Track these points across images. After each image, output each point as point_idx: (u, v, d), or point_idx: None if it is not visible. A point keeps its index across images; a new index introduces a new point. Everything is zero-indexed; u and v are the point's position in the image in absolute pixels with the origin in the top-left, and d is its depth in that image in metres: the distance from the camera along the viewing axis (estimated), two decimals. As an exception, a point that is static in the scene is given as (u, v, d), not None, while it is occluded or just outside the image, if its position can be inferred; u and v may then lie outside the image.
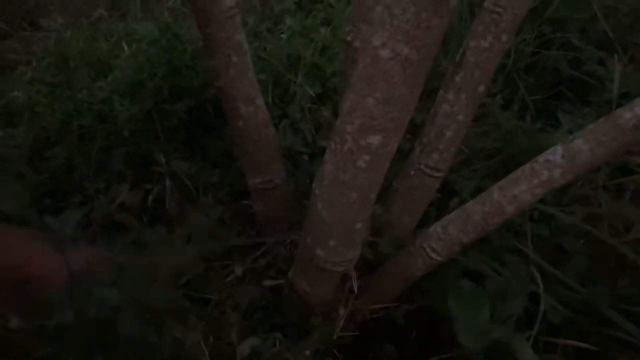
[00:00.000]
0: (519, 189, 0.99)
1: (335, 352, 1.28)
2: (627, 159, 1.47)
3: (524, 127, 1.60)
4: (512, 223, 1.38)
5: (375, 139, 0.95)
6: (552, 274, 1.21)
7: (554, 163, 0.95)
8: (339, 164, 1.02)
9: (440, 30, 0.84)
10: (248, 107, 1.36)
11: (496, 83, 1.78)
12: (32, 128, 1.81)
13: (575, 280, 1.18)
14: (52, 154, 1.74)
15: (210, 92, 1.79)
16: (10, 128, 1.87)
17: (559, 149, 0.95)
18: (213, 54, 1.28)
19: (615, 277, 1.20)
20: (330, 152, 1.04)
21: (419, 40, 0.83)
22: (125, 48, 1.75)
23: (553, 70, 1.94)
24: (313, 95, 1.85)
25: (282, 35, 2.10)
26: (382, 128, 0.94)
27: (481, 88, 1.26)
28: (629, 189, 1.46)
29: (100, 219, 1.53)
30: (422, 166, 1.33)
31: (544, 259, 1.24)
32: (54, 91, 1.87)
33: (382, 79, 0.88)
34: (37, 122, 1.84)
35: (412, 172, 1.36)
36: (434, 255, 1.15)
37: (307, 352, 1.16)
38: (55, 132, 1.80)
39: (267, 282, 1.47)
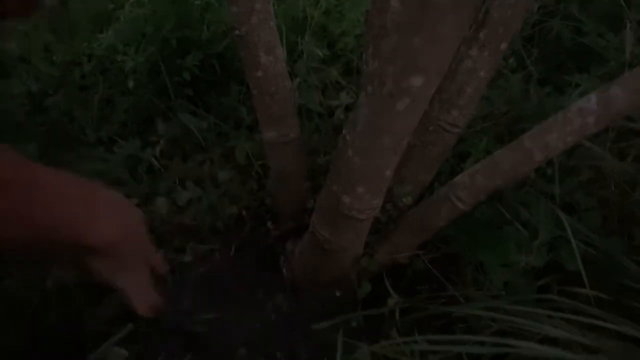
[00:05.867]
0: (551, 137, 1.02)
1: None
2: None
3: (533, 90, 1.63)
4: (525, 180, 1.41)
5: (417, 81, 0.96)
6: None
7: (588, 110, 0.97)
8: (376, 107, 1.02)
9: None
10: (268, 57, 1.34)
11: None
12: (29, 78, 1.73)
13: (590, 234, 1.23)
14: (51, 104, 1.67)
15: (218, 47, 1.76)
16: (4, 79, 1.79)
17: (593, 96, 0.97)
18: (236, 0, 1.25)
19: (626, 231, 1.25)
20: (366, 97, 1.04)
21: (472, -23, 0.83)
22: (130, -3, 1.69)
23: (555, 41, 1.98)
24: (321, 55, 1.83)
25: (287, -5, 2.07)
26: (425, 69, 0.94)
27: (504, 45, 1.27)
28: (630, 153, 1.52)
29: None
30: (441, 122, 1.35)
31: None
32: (52, 42, 1.80)
33: (432, 17, 0.88)
34: (33, 74, 1.77)
35: (431, 128, 1.37)
36: (459, 204, 1.17)
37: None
38: (54, 83, 1.73)
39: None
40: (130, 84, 1.63)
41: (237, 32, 1.31)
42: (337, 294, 1.36)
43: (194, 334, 1.26)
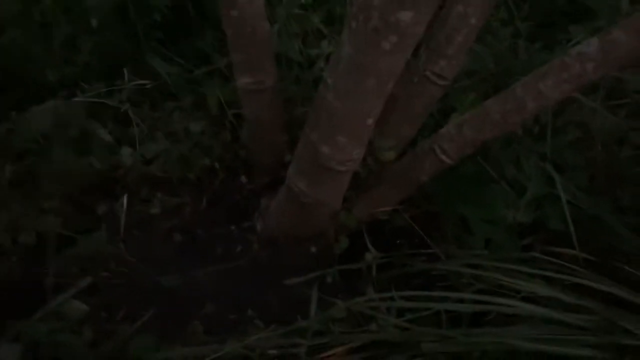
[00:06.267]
0: (546, 84, 0.95)
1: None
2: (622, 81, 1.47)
3: (522, 46, 1.56)
4: (511, 138, 1.36)
5: (406, 15, 0.87)
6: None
7: (587, 55, 0.90)
8: (360, 45, 0.94)
9: None
10: (244, -7, 1.24)
11: None
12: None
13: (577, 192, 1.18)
14: (7, 42, 1.53)
15: (192, -13, 1.63)
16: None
17: (594, 40, 0.90)
18: None
19: (612, 192, 1.21)
20: (350, 33, 0.95)
21: None
22: None
23: (547, -2, 1.90)
24: (302, 1, 1.72)
25: None
26: (415, 2, 0.86)
27: (496, -9, 1.20)
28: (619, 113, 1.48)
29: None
30: (427, 72, 1.27)
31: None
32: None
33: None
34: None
35: (416, 79, 1.29)
36: (444, 158, 1.11)
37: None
38: (10, 18, 1.58)
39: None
40: (94, 22, 1.50)
41: (210, -35, 1.20)
42: (313, 249, 1.30)
43: (159, 288, 1.19)
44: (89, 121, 1.45)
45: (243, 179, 1.47)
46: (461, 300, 1.03)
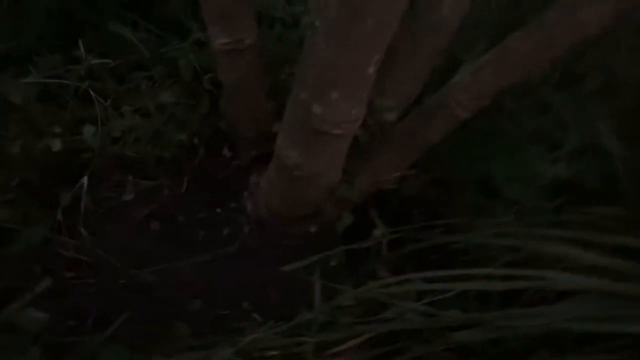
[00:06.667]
0: (586, 12, 0.78)
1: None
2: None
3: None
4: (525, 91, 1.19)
5: None
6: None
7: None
8: (356, -26, 0.76)
9: None
10: None
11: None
12: None
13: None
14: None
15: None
16: None
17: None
18: None
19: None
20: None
21: None
22: None
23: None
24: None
25: None
26: None
27: None
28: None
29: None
30: (430, 20, 1.09)
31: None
32: None
33: None
34: None
35: (417, 28, 1.12)
36: (459, 111, 0.94)
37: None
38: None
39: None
40: (46, -16, 1.30)
41: None
42: (312, 229, 1.14)
43: (135, 286, 1.02)
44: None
45: (227, 154, 1.30)
46: (489, 277, 0.88)
